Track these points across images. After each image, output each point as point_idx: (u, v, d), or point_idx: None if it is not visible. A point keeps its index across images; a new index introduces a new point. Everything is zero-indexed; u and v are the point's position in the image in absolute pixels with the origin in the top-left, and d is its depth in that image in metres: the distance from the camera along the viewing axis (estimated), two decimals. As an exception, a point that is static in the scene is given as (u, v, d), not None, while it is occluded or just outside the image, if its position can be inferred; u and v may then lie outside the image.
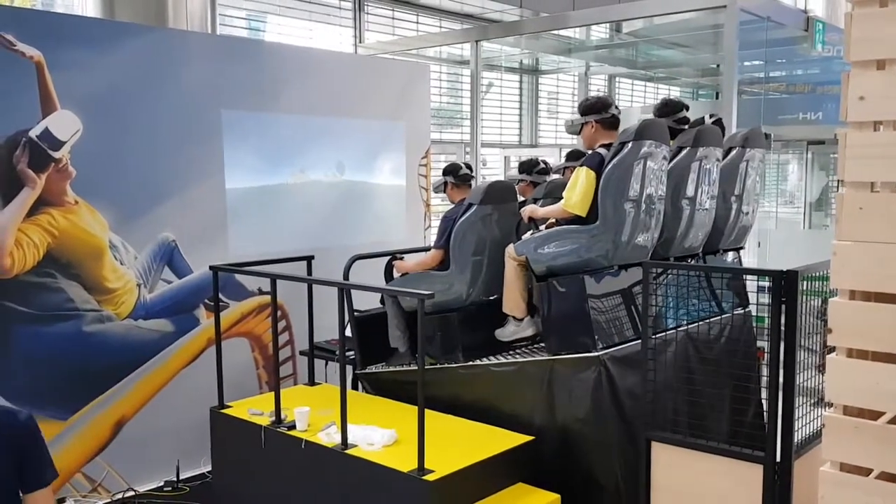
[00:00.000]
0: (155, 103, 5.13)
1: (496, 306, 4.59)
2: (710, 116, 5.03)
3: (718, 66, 11.71)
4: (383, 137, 6.61)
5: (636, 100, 13.41)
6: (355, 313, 4.98)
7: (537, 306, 4.40)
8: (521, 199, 5.26)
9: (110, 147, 4.92)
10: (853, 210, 2.06)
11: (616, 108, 4.35)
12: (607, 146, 4.20)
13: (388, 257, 5.03)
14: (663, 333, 3.86)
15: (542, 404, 4.17)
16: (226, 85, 5.51)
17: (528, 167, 5.45)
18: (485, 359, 4.50)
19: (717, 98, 13.00)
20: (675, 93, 14.26)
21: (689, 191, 4.55)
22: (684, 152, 4.53)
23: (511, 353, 4.55)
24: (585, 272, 4.13)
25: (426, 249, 6.38)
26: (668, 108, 4.80)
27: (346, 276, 4.93)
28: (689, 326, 4.20)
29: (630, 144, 4.05)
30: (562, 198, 4.65)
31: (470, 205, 4.57)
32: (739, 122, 7.56)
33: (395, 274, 4.93)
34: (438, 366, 4.57)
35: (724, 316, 4.45)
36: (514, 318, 4.53)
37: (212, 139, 5.46)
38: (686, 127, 4.77)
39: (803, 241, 9.11)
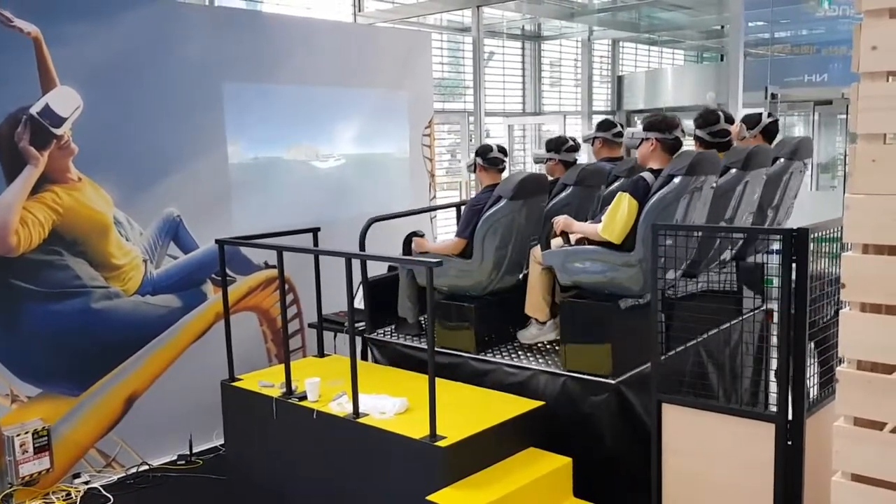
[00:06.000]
0: (155, 77, 5.09)
1: (514, 297, 4.53)
2: (769, 116, 4.82)
3: (723, 27, 11.60)
4: (386, 107, 6.56)
5: (640, 64, 13.28)
6: (367, 278, 4.95)
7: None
8: (550, 177, 5.19)
9: (112, 123, 4.90)
10: (866, 162, 2.03)
11: (682, 131, 4.10)
12: (655, 172, 4.01)
13: (407, 234, 4.90)
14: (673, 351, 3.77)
15: (551, 415, 4.08)
16: (226, 57, 5.46)
17: (556, 145, 5.20)
18: (499, 355, 4.47)
19: (721, 60, 12.88)
20: (679, 56, 14.12)
21: (729, 213, 4.36)
22: (732, 174, 4.28)
23: (526, 351, 4.49)
24: (613, 295, 4.01)
25: (444, 207, 6.23)
26: (705, 120, 4.54)
27: (362, 239, 4.91)
28: (700, 338, 4.05)
29: (679, 179, 3.85)
30: (593, 186, 4.56)
31: (499, 198, 4.41)
32: (746, 85, 7.49)
33: (415, 249, 4.83)
34: (452, 351, 4.53)
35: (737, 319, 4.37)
36: (536, 320, 4.47)
37: (213, 112, 5.42)
38: (726, 140, 4.55)
39: (811, 203, 9.07)
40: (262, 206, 5.70)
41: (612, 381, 3.95)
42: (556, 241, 4.26)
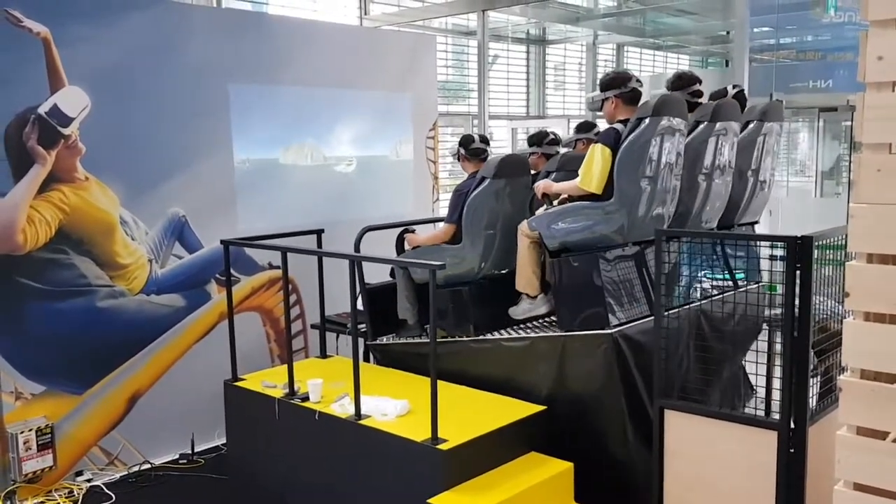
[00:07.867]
0: (162, 78, 5.11)
1: (507, 280, 4.56)
2: (734, 87, 4.96)
3: (728, 33, 11.60)
4: (390, 110, 6.57)
5: (645, 69, 13.28)
6: (366, 285, 4.98)
7: (550, 283, 4.37)
8: (532, 171, 5.23)
9: (119, 123, 4.91)
10: (871, 172, 2.03)
11: (637, 81, 4.25)
12: (625, 122, 4.15)
13: (400, 230, 5.01)
14: (676, 310, 3.81)
15: (553, 379, 4.16)
16: (232, 58, 5.48)
17: (537, 139, 5.42)
18: (496, 333, 4.49)
19: (726, 66, 12.88)
20: (684, 61, 14.14)
21: (706, 166, 4.49)
22: (702, 127, 4.46)
23: (523, 327, 4.53)
24: (599, 248, 4.11)
25: (438, 220, 6.36)
26: (682, 82, 4.72)
27: (356, 247, 4.93)
28: (702, 301, 4.16)
29: (647, 120, 4.00)
30: (576, 171, 4.63)
31: (483, 178, 4.52)
32: (751, 90, 7.48)
33: (407, 247, 4.90)
34: (450, 339, 4.56)
35: (735, 290, 4.41)
36: (527, 295, 4.50)
37: (219, 113, 5.44)
38: (700, 100, 4.69)
39: (815, 210, 9.06)
40: (267, 206, 5.71)
41: (610, 332, 3.99)
42: (541, 210, 4.35)
